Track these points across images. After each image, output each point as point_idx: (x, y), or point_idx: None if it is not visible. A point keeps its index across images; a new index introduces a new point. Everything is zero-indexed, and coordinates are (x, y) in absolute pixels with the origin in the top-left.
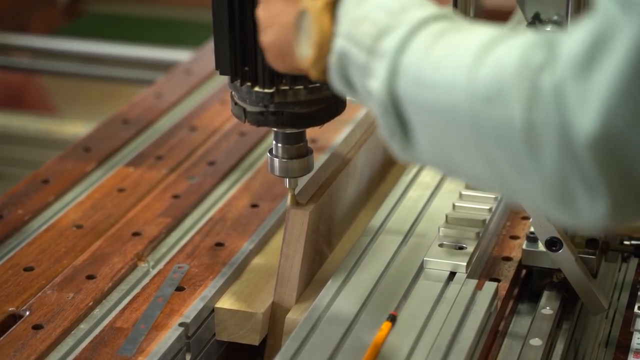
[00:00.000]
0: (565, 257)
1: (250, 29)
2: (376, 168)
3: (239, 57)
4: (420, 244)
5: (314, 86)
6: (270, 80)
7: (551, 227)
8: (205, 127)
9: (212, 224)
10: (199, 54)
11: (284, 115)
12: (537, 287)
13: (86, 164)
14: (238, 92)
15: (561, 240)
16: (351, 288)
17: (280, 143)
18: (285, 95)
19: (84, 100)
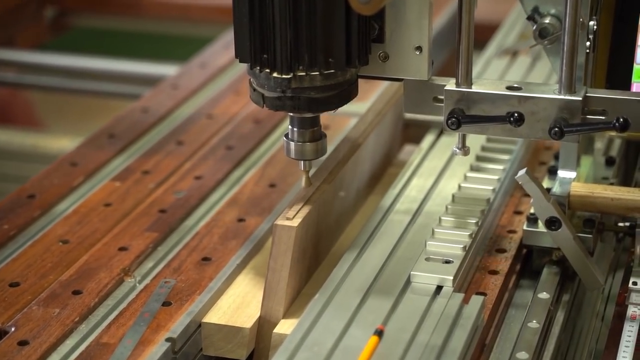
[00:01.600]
0: (564, 235)
1: (270, 17)
2: (363, 181)
3: (258, 45)
4: (408, 258)
5: (329, 72)
6: (288, 67)
7: (550, 207)
8: (191, 141)
9: (199, 238)
10: (186, 69)
11: (301, 100)
12: (537, 266)
13: (72, 179)
14: (257, 79)
15: (560, 220)
16: (338, 302)
17: (295, 127)
18: (301, 80)
19: (71, 115)
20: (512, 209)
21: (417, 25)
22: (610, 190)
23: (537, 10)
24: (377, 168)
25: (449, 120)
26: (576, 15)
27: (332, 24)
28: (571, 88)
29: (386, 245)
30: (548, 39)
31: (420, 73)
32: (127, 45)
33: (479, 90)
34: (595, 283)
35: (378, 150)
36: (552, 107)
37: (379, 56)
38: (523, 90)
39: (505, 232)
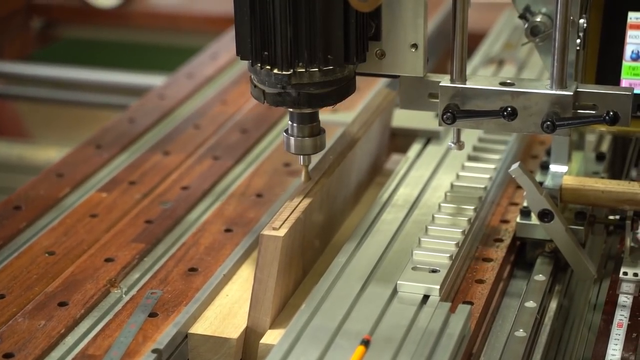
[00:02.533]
0: (556, 227)
1: (270, 15)
2: (351, 191)
3: (259, 43)
4: (394, 267)
5: (328, 68)
6: (288, 63)
7: (543, 200)
8: (178, 151)
9: (186, 249)
10: (172, 79)
11: (300, 96)
12: (530, 258)
13: (59, 190)
14: (257, 75)
15: (552, 212)
16: (325, 312)
17: (295, 123)
18: (301, 77)
19: (58, 126)
20: (498, 217)
21: (412, 23)
22: (600, 183)
23: (529, 9)
24: (364, 177)
25: (445, 115)
26: (567, 14)
27: (331, 22)
28: (562, 83)
29: (373, 254)
30: (539, 36)
31: (416, 70)
32: (115, 56)
33: (473, 86)
34: (587, 273)
35: (365, 160)
36: (544, 101)
37: (376, 53)
38: (516, 86)
39: (491, 241)
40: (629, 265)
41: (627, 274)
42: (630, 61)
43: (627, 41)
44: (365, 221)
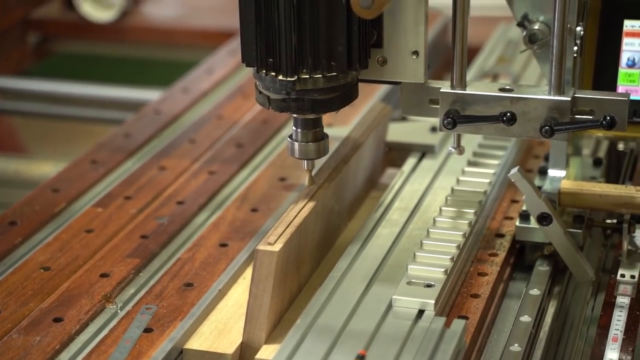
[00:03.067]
0: (555, 230)
1: (275, 23)
2: (346, 205)
3: (264, 50)
4: (389, 282)
5: (331, 75)
6: (292, 70)
7: (542, 203)
8: (174, 166)
9: (181, 264)
10: (168, 94)
11: (305, 102)
12: (529, 260)
13: (54, 205)
14: (262, 82)
15: (551, 216)
16: (320, 327)
17: (299, 128)
18: (305, 83)
19: (54, 141)
20: (494, 231)
21: (413, 31)
22: (598, 187)
23: (527, 17)
24: (359, 191)
25: (445, 120)
26: (564, 22)
27: (334, 30)
28: (560, 89)
29: (368, 269)
30: (537, 44)
31: (417, 76)
32: (111, 71)
33: (473, 92)
34: (585, 275)
35: (360, 174)
36: (543, 107)
37: (378, 60)
38: (515, 92)
39: (486, 256)
40: (626, 267)
41: (624, 276)
42: (626, 68)
43: (623, 48)
44: (360, 235)
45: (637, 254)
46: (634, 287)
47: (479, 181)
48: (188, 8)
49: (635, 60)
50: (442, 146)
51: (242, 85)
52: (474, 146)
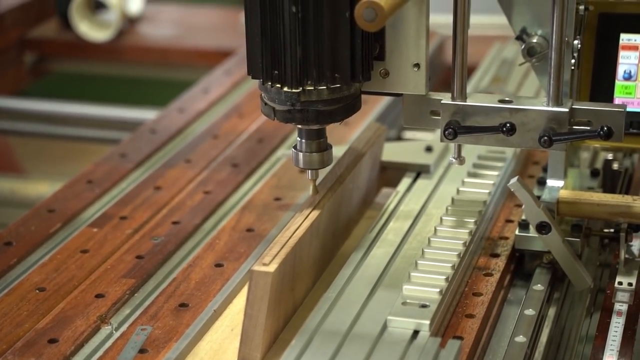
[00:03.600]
0: (554, 239)
1: (280, 36)
2: (341, 225)
3: (269, 62)
4: (384, 302)
5: (335, 86)
6: (297, 82)
7: (541, 212)
8: (169, 186)
9: (176, 284)
10: (164, 113)
11: (309, 113)
12: (529, 269)
13: (50, 226)
14: (268, 93)
15: (550, 224)
16: (315, 348)
17: (304, 139)
18: (310, 94)
19: (50, 160)
20: (489, 251)
21: (415, 44)
22: (595, 196)
23: (525, 31)
24: (354, 211)
25: (446, 131)
26: (562, 35)
27: (338, 42)
28: (558, 101)
29: (363, 289)
30: (536, 57)
31: (418, 88)
32: (108, 90)
33: (474, 103)
34: (583, 283)
35: (355, 194)
36: (541, 118)
37: (380, 73)
38: (514, 103)
39: (481, 276)
40: (623, 275)
41: (622, 284)
42: (622, 80)
43: (620, 61)
44: (355, 256)
45: (634, 262)
46: (631, 294)
47: (474, 200)
48: (184, 28)
49: (632, 73)
50: (437, 166)
51: (237, 105)
52: (469, 166)
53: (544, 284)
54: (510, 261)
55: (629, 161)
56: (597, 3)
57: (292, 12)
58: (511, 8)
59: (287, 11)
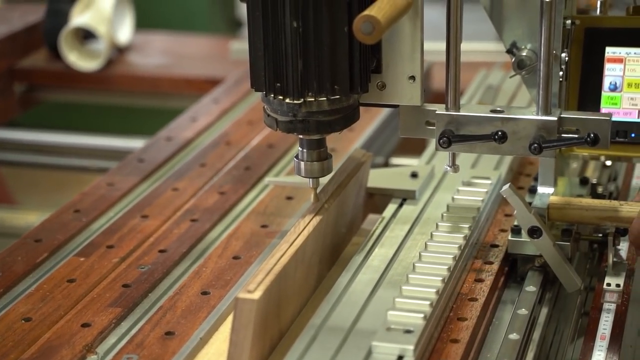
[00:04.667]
0: (545, 243)
1: (282, 50)
2: (327, 251)
3: (272, 75)
4: (369, 328)
5: (335, 98)
6: (299, 93)
7: (532, 217)
8: (156, 214)
9: (163, 312)
10: (152, 142)
11: (310, 123)
12: (521, 272)
13: (37, 256)
14: (270, 105)
15: (541, 229)
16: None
17: (305, 148)
18: (310, 105)
19: (41, 190)
20: (473, 276)
21: (410, 57)
22: (584, 201)
23: (515, 45)
24: (340, 238)
25: (441, 139)
26: (550, 48)
27: (337, 56)
28: (547, 110)
29: (348, 315)
30: (526, 69)
31: (414, 99)
32: (97, 119)
33: (467, 113)
34: (573, 285)
35: (341, 220)
36: (531, 126)
37: (377, 85)
38: (505, 113)
39: (466, 301)
40: (611, 276)
41: (610, 285)
42: (608, 92)
43: (605, 73)
44: (341, 282)
45: (621, 264)
46: (619, 294)
47: (460, 226)
48: (173, 57)
49: (617, 85)
50: (422, 192)
51: (225, 133)
52: (454, 191)
53: (536, 286)
54: (509, 255)
55: (613, 185)
56: (583, 18)
57: (294, 27)
58: (501, 23)
59: (288, 26)
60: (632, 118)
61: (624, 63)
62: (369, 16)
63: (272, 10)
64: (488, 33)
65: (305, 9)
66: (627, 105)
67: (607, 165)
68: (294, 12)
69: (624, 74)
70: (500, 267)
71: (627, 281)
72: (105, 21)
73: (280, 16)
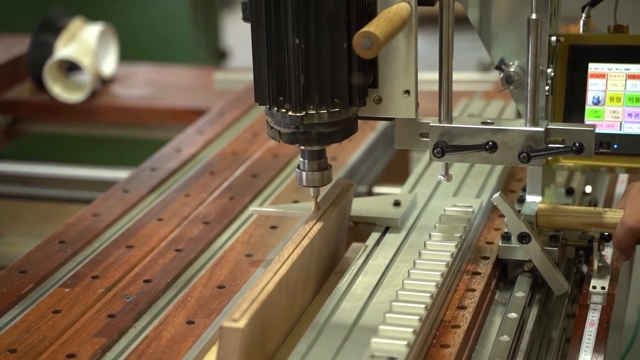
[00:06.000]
0: (534, 247)
1: (285, 65)
2: (310, 280)
3: (275, 89)
4: (353, 356)
5: (335, 110)
6: (301, 106)
7: (522, 224)
8: (141, 244)
9: (148, 342)
10: (137, 172)
11: (311, 134)
12: (512, 277)
13: (22, 287)
14: (274, 118)
15: (530, 235)
16: None
17: (306, 159)
18: (312, 117)
19: (26, 221)
20: (456, 303)
21: (404, 72)
22: (570, 209)
23: (504, 61)
24: (324, 266)
25: (435, 150)
26: (537, 63)
27: (337, 71)
28: (535, 122)
29: (332, 343)
30: (514, 84)
31: (409, 112)
32: (82, 150)
33: (459, 125)
34: (560, 288)
35: (324, 249)
36: (520, 137)
37: (374, 99)
38: (495, 124)
39: (449, 328)
40: (597, 279)
41: (595, 288)
42: (592, 105)
43: (589, 88)
44: (325, 310)
45: (606, 268)
46: (604, 296)
47: (442, 253)
48: (157, 88)
49: (600, 99)
50: (405, 220)
51: (209, 163)
52: (436, 219)
53: (525, 289)
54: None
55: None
56: (568, 36)
57: (296, 43)
58: (490, 41)
59: (291, 43)
60: (614, 130)
61: (606, 78)
62: (368, 32)
63: (275, 28)
64: (469, 63)
65: (306, 27)
66: (610, 118)
67: (587, 193)
68: (296, 30)
69: (607, 89)
70: (484, 292)
71: (611, 284)
72: (89, 53)
73: (283, 33)
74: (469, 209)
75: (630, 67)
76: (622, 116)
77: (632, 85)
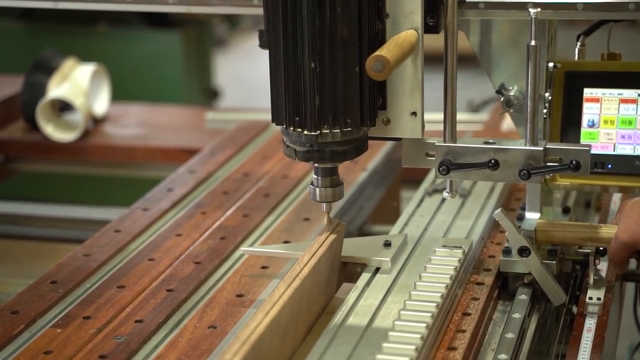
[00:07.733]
0: (533, 261)
1: (301, 88)
2: (301, 321)
3: (292, 110)
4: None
5: (347, 130)
6: (315, 126)
7: (522, 238)
8: (132, 284)
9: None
10: (129, 212)
11: (325, 153)
12: (512, 289)
13: (13, 328)
14: (289, 137)
15: (529, 249)
16: None
17: (320, 176)
18: (326, 136)
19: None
20: (446, 344)
21: (411, 95)
22: (567, 225)
23: (504, 86)
24: (315, 306)
25: (440, 167)
26: (536, 87)
27: (349, 92)
28: (534, 142)
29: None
30: (513, 107)
31: (415, 133)
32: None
33: (463, 144)
34: (559, 299)
35: (315, 290)
36: (520, 155)
37: (383, 120)
38: (497, 144)
39: None
40: (593, 291)
41: (592, 299)
42: (587, 128)
43: (584, 111)
44: (316, 350)
45: (601, 280)
46: (600, 307)
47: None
48: (149, 127)
49: (595, 122)
50: (396, 261)
51: (201, 203)
52: (426, 260)
53: (525, 302)
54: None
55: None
56: (564, 62)
57: (311, 67)
58: (491, 67)
59: (307, 67)
60: (608, 151)
61: (601, 102)
62: (379, 56)
63: (292, 53)
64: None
65: (322, 52)
66: (604, 140)
67: None
68: (311, 54)
69: (601, 112)
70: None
71: (606, 295)
72: (82, 93)
73: (300, 58)
74: (459, 250)
75: (622, 92)
76: (616, 138)
77: (625, 109)
